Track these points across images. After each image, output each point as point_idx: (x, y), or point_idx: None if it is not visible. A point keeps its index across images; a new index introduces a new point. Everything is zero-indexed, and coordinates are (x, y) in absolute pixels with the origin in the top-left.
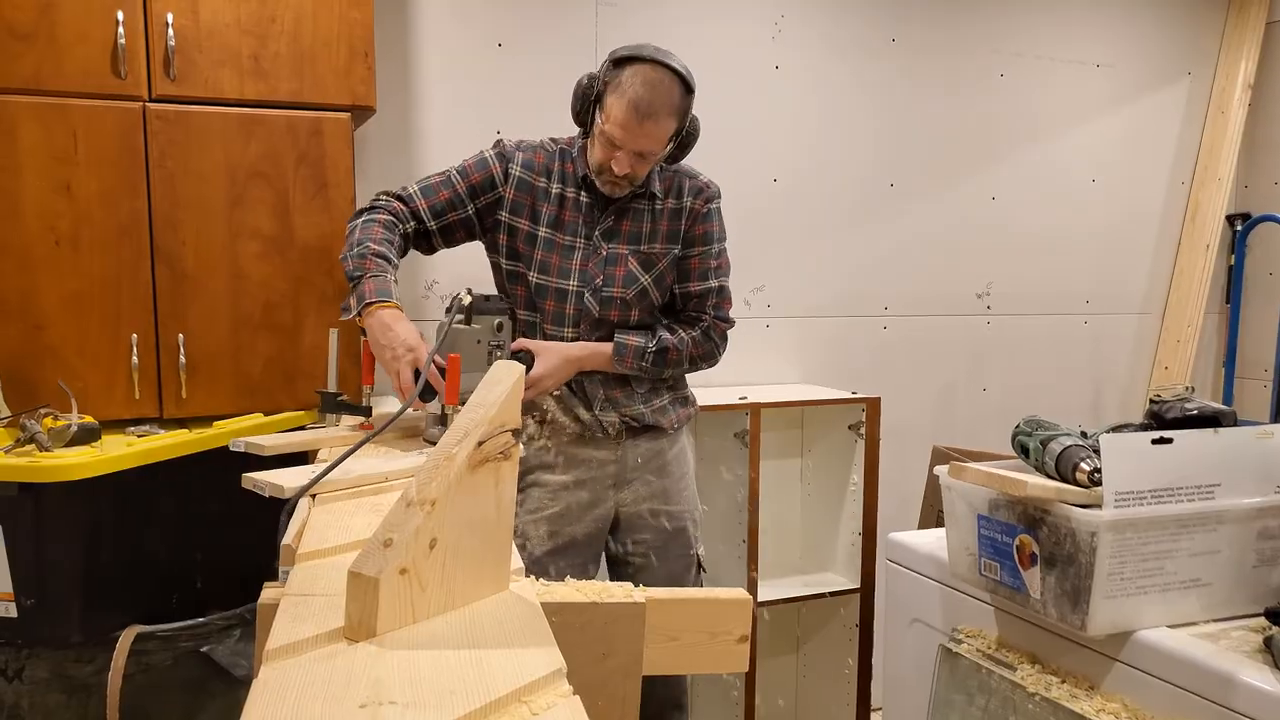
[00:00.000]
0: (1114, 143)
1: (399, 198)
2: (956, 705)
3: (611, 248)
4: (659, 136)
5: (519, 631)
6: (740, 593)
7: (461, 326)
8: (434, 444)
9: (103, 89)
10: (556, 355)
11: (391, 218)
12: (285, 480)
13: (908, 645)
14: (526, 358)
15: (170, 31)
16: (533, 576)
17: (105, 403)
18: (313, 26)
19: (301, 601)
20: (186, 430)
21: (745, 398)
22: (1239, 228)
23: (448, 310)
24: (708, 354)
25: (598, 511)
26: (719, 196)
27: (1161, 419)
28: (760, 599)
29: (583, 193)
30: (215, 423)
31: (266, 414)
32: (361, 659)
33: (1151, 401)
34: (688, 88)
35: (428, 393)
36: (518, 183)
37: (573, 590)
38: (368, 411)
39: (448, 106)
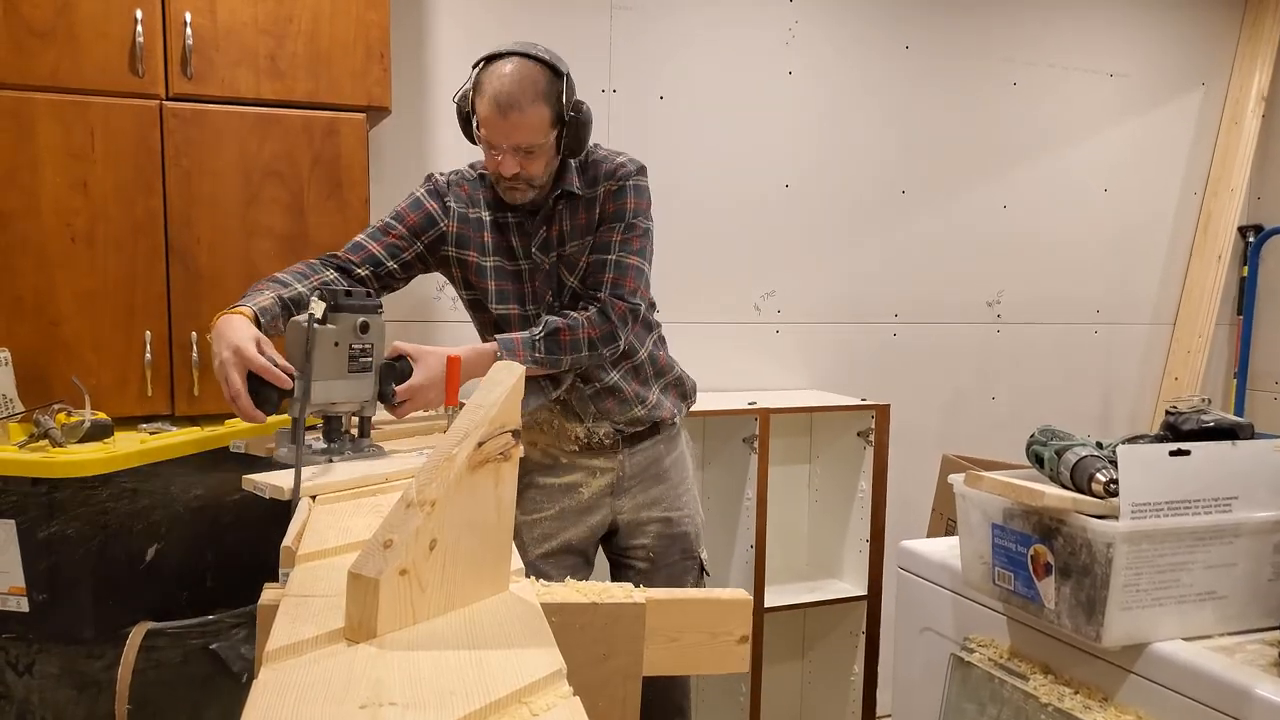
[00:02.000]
0: (1126, 152)
1: (349, 249)
2: (968, 714)
3: (551, 259)
4: (531, 125)
5: (519, 632)
6: (740, 593)
7: (316, 326)
8: (281, 463)
9: (120, 87)
10: (438, 361)
11: (318, 262)
12: (285, 481)
13: (918, 653)
14: (405, 365)
15: (188, 30)
16: (532, 578)
17: (118, 399)
18: (330, 27)
19: (301, 602)
20: (198, 428)
21: (754, 403)
22: (1251, 239)
23: (307, 308)
24: (606, 335)
25: (594, 518)
26: (639, 174)
27: (1178, 430)
28: (767, 605)
29: (509, 213)
30: (227, 421)
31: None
32: (362, 660)
33: (1168, 413)
34: (555, 72)
35: (268, 401)
36: (458, 216)
37: (573, 591)
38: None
39: None
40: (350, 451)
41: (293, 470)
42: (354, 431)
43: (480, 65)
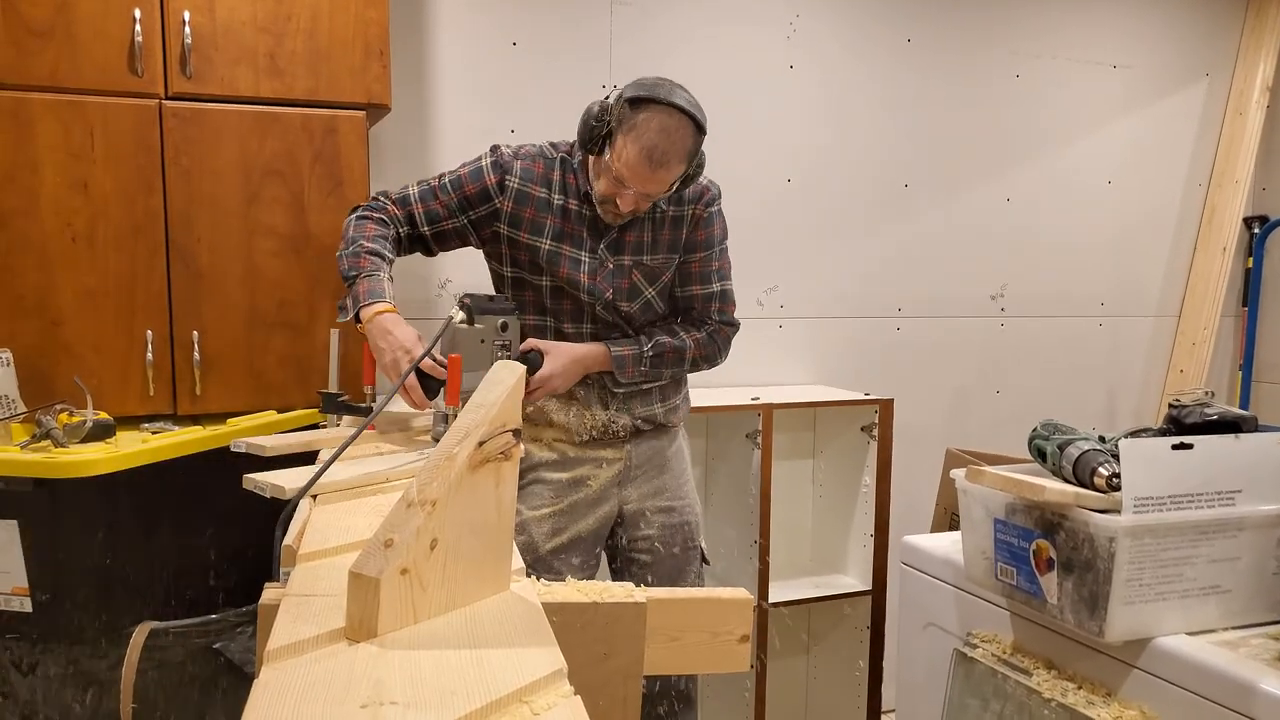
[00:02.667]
0: (1131, 144)
1: (397, 200)
2: (971, 710)
3: (618, 260)
4: (668, 181)
5: (520, 631)
6: (741, 592)
7: (464, 326)
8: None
9: (119, 86)
10: (565, 355)
11: (384, 217)
12: (286, 481)
13: (922, 649)
14: (536, 357)
15: (187, 29)
16: (534, 576)
17: (120, 399)
18: (329, 25)
19: (302, 602)
20: (200, 427)
21: (757, 398)
22: (1256, 230)
23: (452, 312)
24: (710, 356)
25: (604, 509)
26: (720, 198)
27: (1181, 424)
28: (771, 600)
29: (585, 206)
30: (229, 420)
31: (280, 411)
32: (362, 659)
33: (1171, 406)
34: (699, 129)
35: (432, 389)
36: (516, 195)
37: (573, 590)
38: (368, 411)
39: (462, 105)
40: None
41: (293, 470)
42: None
43: (639, 102)
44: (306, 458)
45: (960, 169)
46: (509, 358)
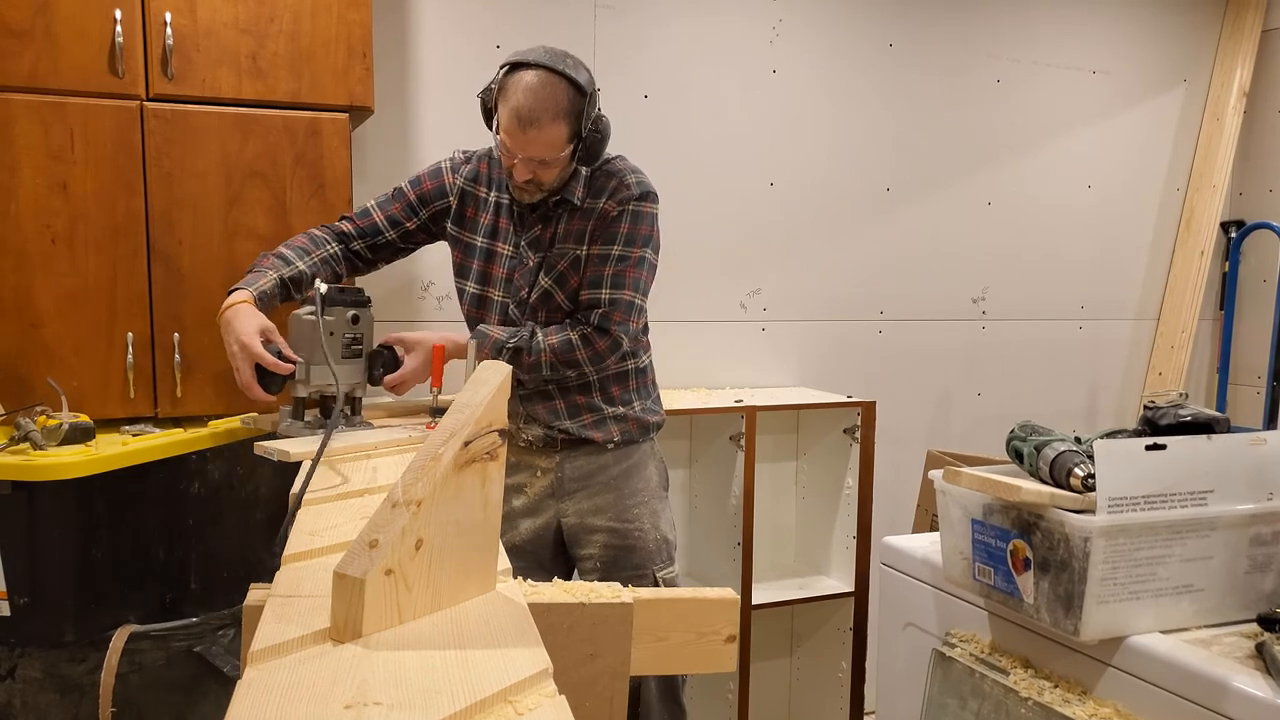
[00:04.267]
0: (1110, 149)
1: (357, 214)
2: (949, 709)
3: (537, 256)
4: (548, 142)
5: (505, 632)
6: (727, 592)
7: (310, 318)
8: (285, 435)
9: (100, 88)
10: (424, 352)
11: (324, 235)
12: (291, 448)
13: (901, 649)
14: (390, 352)
15: (168, 30)
16: (520, 578)
17: (100, 401)
18: (311, 27)
19: (287, 603)
20: (181, 429)
21: (740, 401)
22: (1233, 234)
23: (302, 303)
24: (572, 363)
25: (538, 520)
26: (644, 200)
27: (1155, 425)
28: (754, 602)
29: (515, 203)
30: (210, 422)
31: (261, 414)
32: (347, 660)
33: (1145, 407)
34: (579, 90)
35: (273, 384)
36: (460, 194)
37: (560, 591)
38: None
39: (445, 107)
40: (344, 426)
41: (297, 438)
42: (347, 410)
43: (507, 69)
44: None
45: (941, 173)
46: (360, 353)
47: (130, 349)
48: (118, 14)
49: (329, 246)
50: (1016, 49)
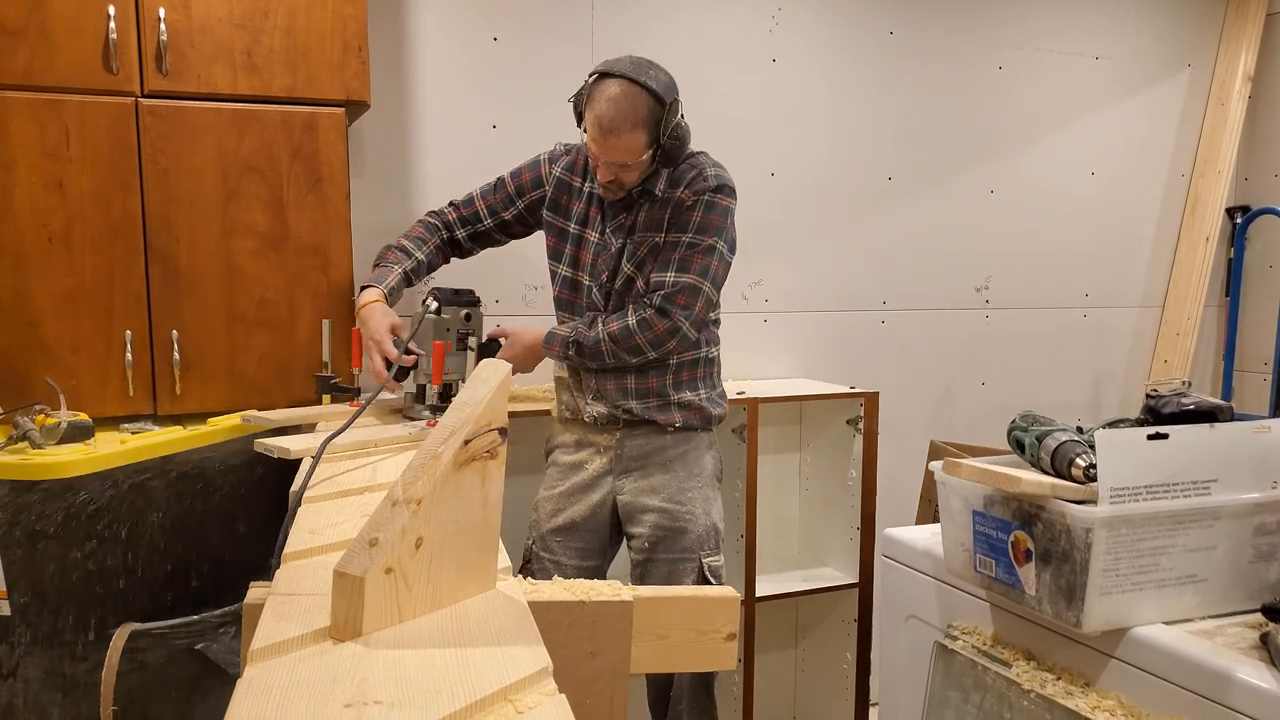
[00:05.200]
0: (1113, 135)
1: (462, 202)
2: (952, 702)
3: (619, 242)
4: (628, 149)
5: (505, 630)
6: (728, 590)
7: (432, 316)
8: (411, 419)
9: (95, 85)
10: (519, 339)
11: (436, 222)
12: (291, 444)
13: (904, 641)
14: (495, 344)
15: (162, 26)
16: (520, 576)
17: (99, 400)
18: (306, 21)
19: (287, 601)
20: (181, 427)
21: (743, 392)
22: (1239, 220)
23: (423, 303)
24: (632, 349)
25: (595, 495)
26: (719, 191)
27: (1158, 414)
28: (758, 594)
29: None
30: (209, 420)
31: (261, 410)
32: (347, 658)
33: (1148, 396)
34: (658, 100)
35: (400, 374)
36: (557, 183)
37: (560, 589)
38: (358, 392)
39: (443, 100)
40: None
41: (296, 434)
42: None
43: (595, 77)
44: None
45: (944, 161)
46: (471, 345)
47: (129, 347)
48: (111, 10)
49: (439, 234)
50: (1018, 36)
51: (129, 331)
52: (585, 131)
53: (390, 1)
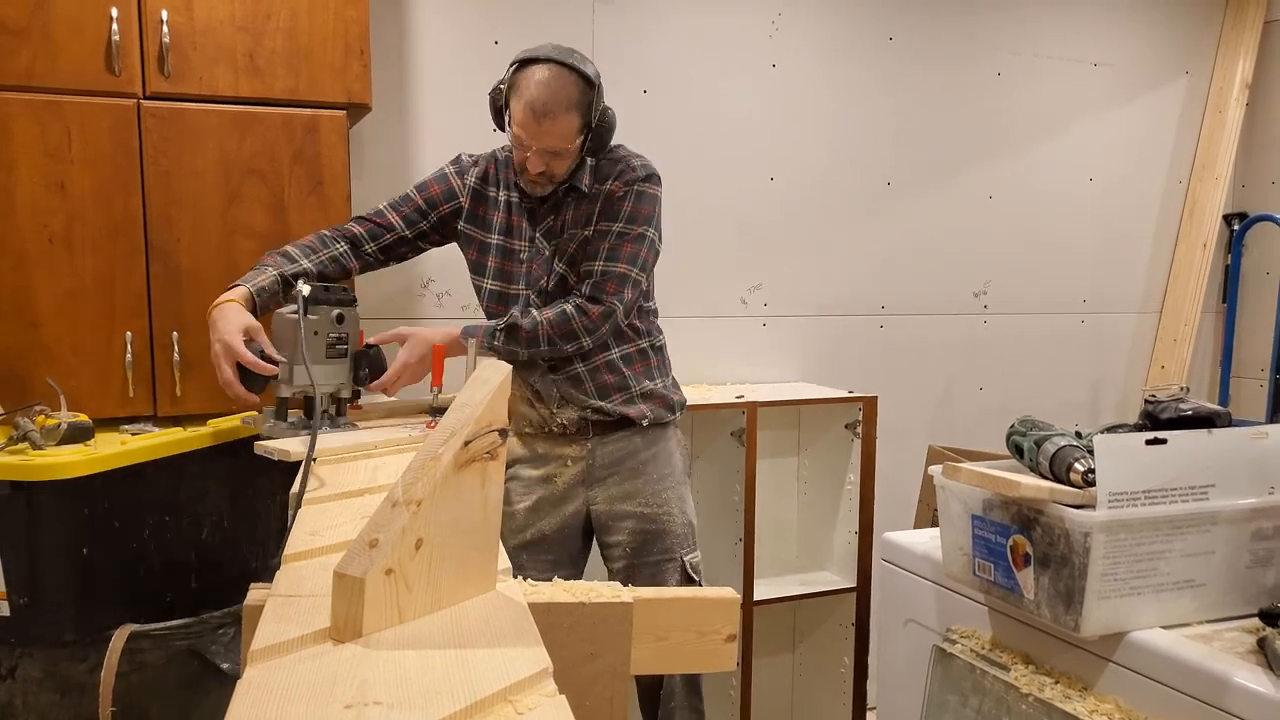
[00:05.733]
0: (1111, 141)
1: (370, 214)
2: (950, 706)
3: (551, 245)
4: (561, 133)
5: (505, 631)
6: (728, 591)
7: (293, 317)
8: (269, 436)
9: (97, 86)
10: (421, 343)
11: (331, 234)
12: (293, 446)
13: (902, 645)
14: (376, 351)
15: (165, 28)
16: (521, 577)
17: (99, 401)
18: (308, 24)
19: (287, 602)
20: (181, 428)
21: (741, 396)
22: (1236, 227)
23: (293, 292)
24: (568, 334)
25: (568, 508)
26: (648, 181)
27: (1156, 419)
28: (756, 598)
29: (525, 198)
30: (210, 421)
31: (260, 413)
32: (347, 660)
33: (1146, 402)
34: (588, 82)
35: (255, 384)
36: (472, 194)
37: (560, 590)
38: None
39: (444, 103)
40: (328, 428)
41: (298, 437)
42: (332, 410)
43: (517, 66)
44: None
45: (942, 166)
46: (345, 352)
47: (129, 348)
48: (114, 12)
49: (337, 245)
50: (1017, 42)
51: (129, 332)
52: (509, 124)
53: (392, 4)
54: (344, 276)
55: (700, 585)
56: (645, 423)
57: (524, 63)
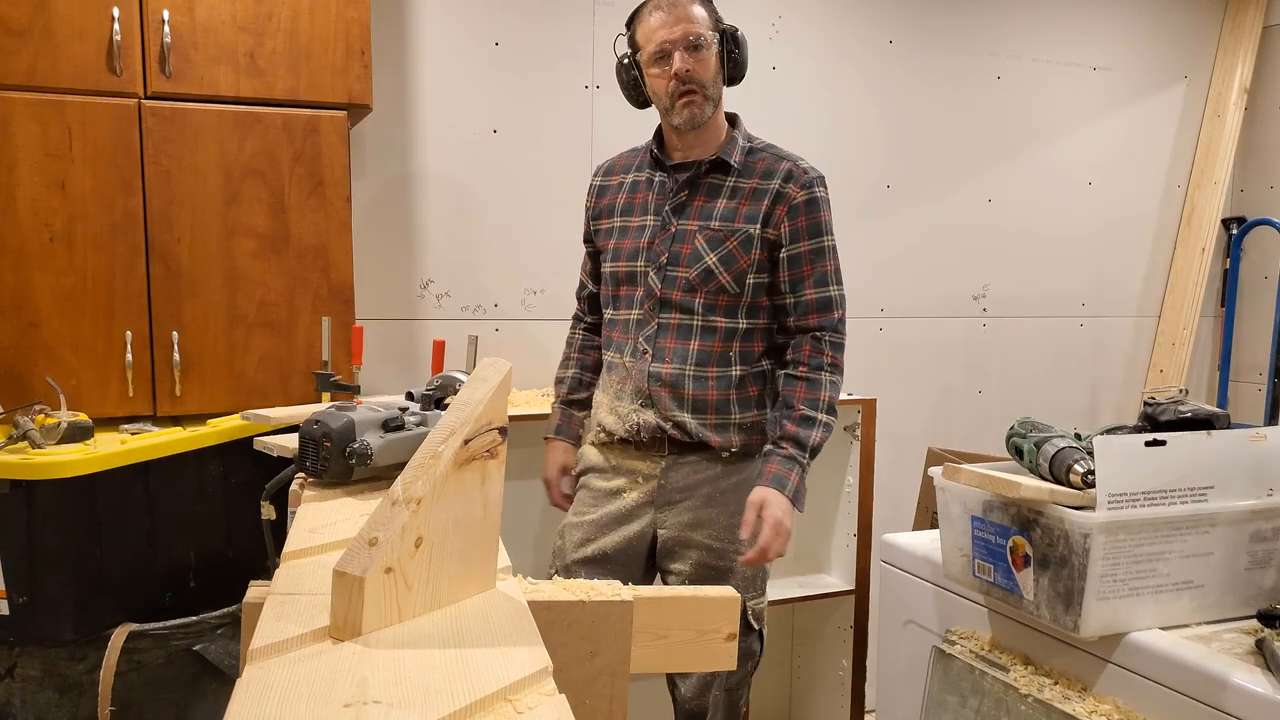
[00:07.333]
0: (1110, 146)
1: (578, 294)
2: (949, 706)
3: (681, 224)
4: (697, 17)
5: (505, 630)
6: (728, 590)
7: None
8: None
9: (98, 86)
10: (783, 513)
11: (572, 328)
12: (291, 442)
13: (901, 646)
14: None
15: (166, 28)
16: (520, 575)
17: (99, 400)
18: (309, 24)
19: (286, 600)
20: (180, 428)
21: None
22: (1234, 231)
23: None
24: (832, 394)
25: (632, 527)
26: (823, 186)
27: (1155, 421)
28: None
29: (656, 172)
30: (209, 420)
31: (259, 409)
32: (346, 658)
33: (1145, 404)
34: None
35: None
36: (596, 192)
37: (560, 589)
38: (357, 389)
39: (444, 105)
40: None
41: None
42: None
43: (630, 18)
44: None
45: (942, 170)
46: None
47: (129, 347)
48: (115, 12)
49: (576, 337)
50: (1017, 46)
51: (129, 332)
52: (645, 46)
53: (393, 5)
54: (597, 353)
55: (760, 633)
56: (726, 455)
57: (638, 9)
